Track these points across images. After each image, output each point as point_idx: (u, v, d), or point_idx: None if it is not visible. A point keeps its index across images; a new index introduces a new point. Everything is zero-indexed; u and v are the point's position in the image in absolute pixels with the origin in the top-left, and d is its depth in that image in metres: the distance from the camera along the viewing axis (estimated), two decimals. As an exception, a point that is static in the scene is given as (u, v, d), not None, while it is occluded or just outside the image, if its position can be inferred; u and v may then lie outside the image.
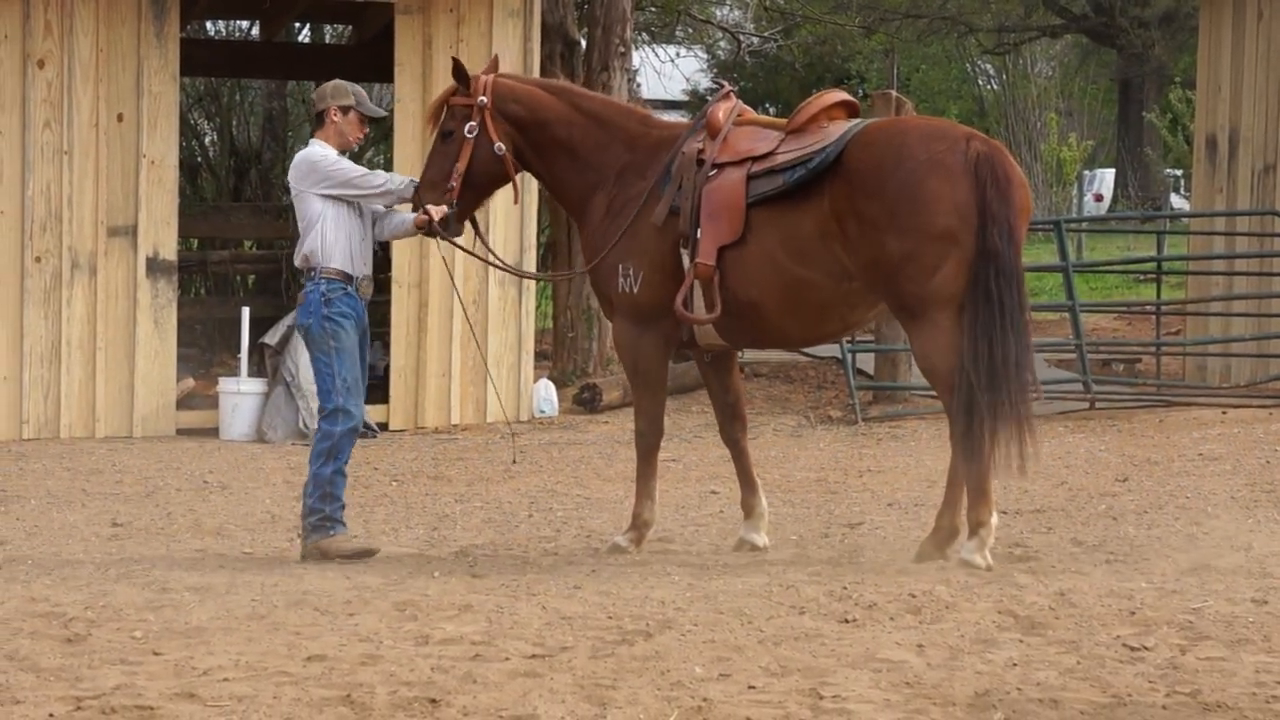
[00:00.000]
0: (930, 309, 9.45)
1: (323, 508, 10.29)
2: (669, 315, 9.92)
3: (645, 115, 10.67)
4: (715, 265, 9.75)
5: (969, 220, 9.37)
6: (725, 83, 10.43)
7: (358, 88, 10.60)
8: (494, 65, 10.65)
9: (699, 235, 9.78)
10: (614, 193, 10.14)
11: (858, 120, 9.93)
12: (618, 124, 10.29)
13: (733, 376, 10.52)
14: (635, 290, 9.98)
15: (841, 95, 10.17)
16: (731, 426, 10.46)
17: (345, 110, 10.44)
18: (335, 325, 10.32)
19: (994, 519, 9.53)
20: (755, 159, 9.83)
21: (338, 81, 10.56)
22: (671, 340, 10.11)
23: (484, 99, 10.21)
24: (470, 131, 10.21)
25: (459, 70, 10.38)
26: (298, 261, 10.50)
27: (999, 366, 9.37)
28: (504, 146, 10.23)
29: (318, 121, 10.55)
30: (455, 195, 10.25)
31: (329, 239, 10.31)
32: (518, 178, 10.50)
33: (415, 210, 10.38)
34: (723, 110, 10.07)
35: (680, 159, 9.97)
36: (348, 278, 10.34)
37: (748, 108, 10.32)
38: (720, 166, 9.86)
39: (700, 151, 9.93)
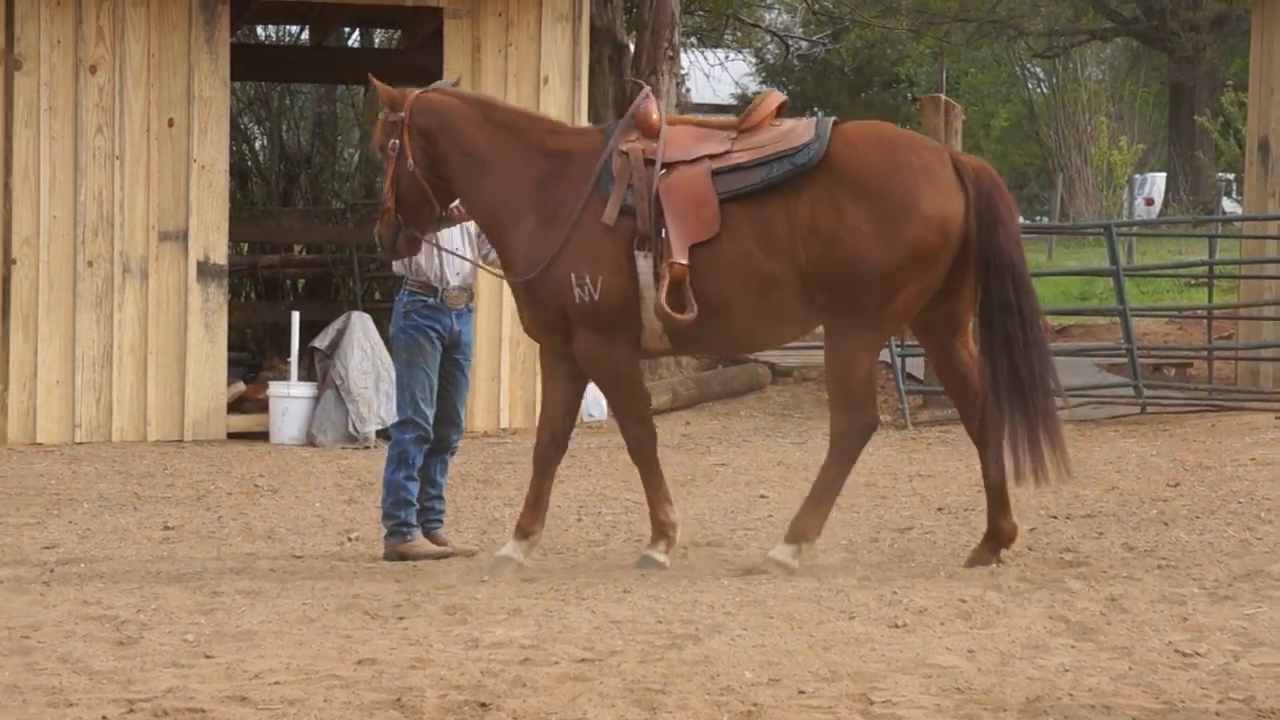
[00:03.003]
0: (871, 330, 9.37)
1: (397, 513, 10.49)
2: (631, 319, 9.64)
3: (553, 123, 10.41)
4: (688, 264, 9.47)
5: (950, 236, 9.29)
6: (643, 83, 10.30)
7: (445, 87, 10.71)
8: (456, 84, 10.49)
9: (665, 235, 9.51)
10: (539, 202, 9.78)
11: (818, 118, 9.77)
12: (529, 131, 9.94)
13: (579, 401, 10.17)
14: (595, 298, 9.60)
15: (782, 97, 10.00)
16: (551, 451, 10.00)
17: None
18: (409, 337, 10.46)
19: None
20: (712, 157, 9.58)
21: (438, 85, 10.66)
22: (635, 344, 9.79)
23: (403, 114, 9.92)
24: (392, 149, 9.91)
25: (381, 88, 10.16)
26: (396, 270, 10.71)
27: (1024, 377, 9.35)
28: (414, 162, 9.86)
29: None
30: (391, 215, 9.93)
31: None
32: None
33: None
34: (654, 110, 9.78)
35: (621, 161, 9.64)
36: (432, 289, 10.39)
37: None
38: (670, 165, 9.59)
39: (646, 152, 9.63)
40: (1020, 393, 9.36)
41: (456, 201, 10.17)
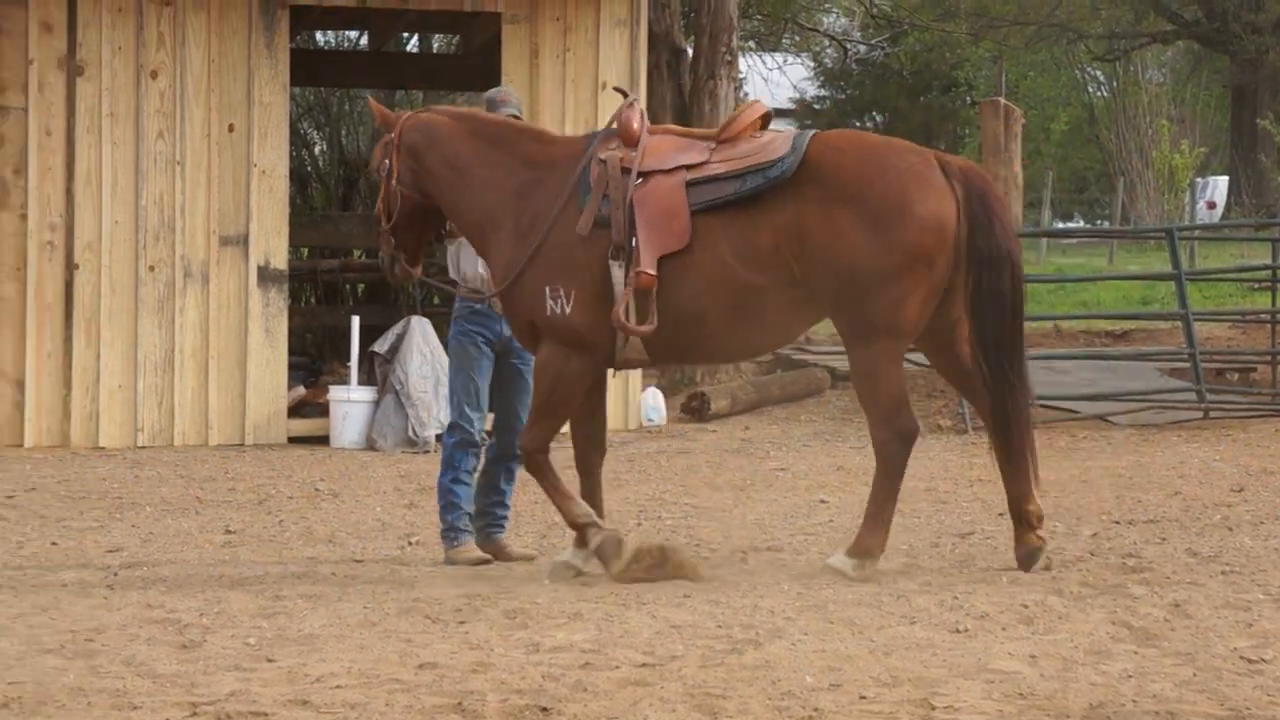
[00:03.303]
0: (887, 338, 9.31)
1: (445, 517, 10.57)
2: (603, 334, 9.56)
3: (542, 133, 10.35)
4: (656, 275, 9.40)
5: (946, 241, 9.26)
6: (628, 91, 10.28)
7: (496, 94, 10.77)
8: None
9: (635, 245, 9.42)
10: (518, 211, 9.71)
11: (797, 130, 9.77)
12: (512, 142, 9.89)
13: (603, 402, 10.16)
14: (568, 311, 9.53)
15: (765, 108, 9.94)
16: (590, 455, 10.05)
17: None
18: (457, 343, 10.56)
19: (881, 554, 9.47)
20: (689, 167, 9.51)
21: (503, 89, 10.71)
22: (600, 361, 9.74)
23: (393, 135, 9.96)
24: (383, 170, 9.95)
25: (376, 109, 10.18)
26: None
27: (1021, 377, 9.40)
28: (397, 180, 9.88)
29: None
30: (385, 236, 9.98)
31: (463, 255, 10.43)
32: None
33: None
34: (635, 119, 9.72)
35: (599, 169, 9.58)
36: (480, 295, 10.43)
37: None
38: (647, 175, 9.53)
39: (623, 160, 9.57)
40: (1012, 387, 9.39)
41: None
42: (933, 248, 9.24)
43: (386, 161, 9.93)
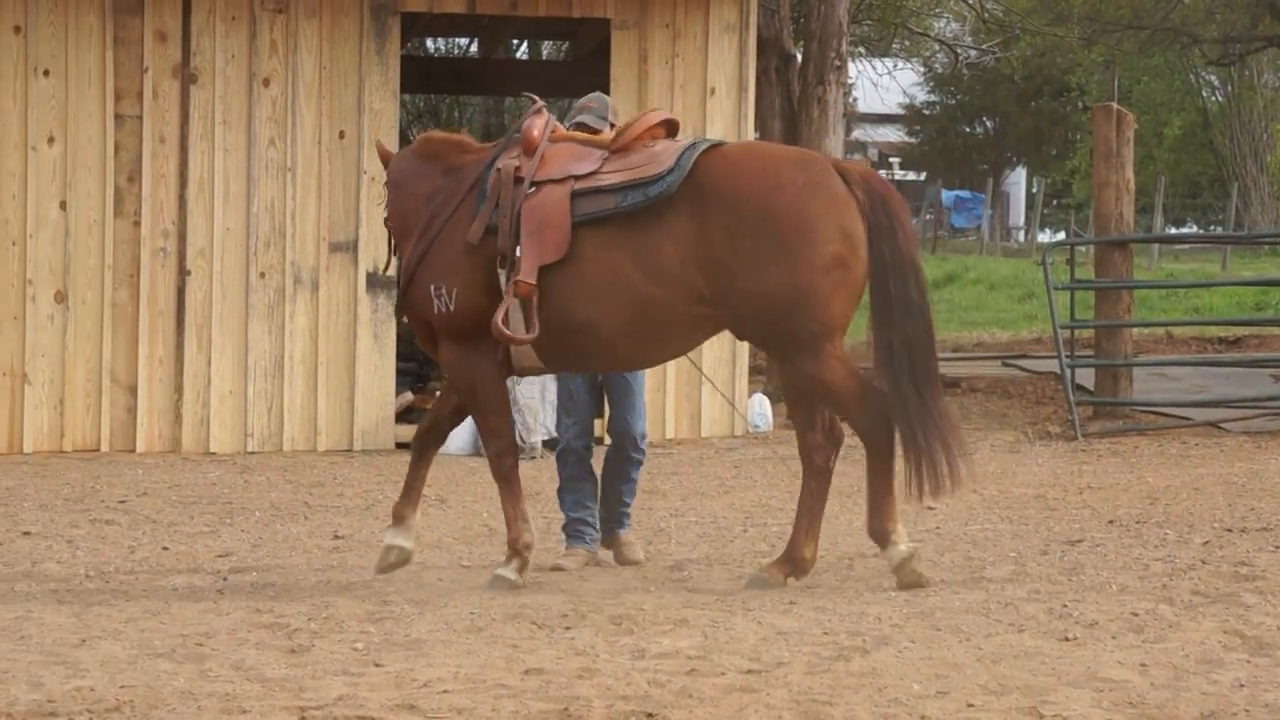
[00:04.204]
0: (825, 341, 9.26)
1: (565, 515, 10.68)
2: (489, 335, 9.60)
3: (464, 142, 10.32)
4: (535, 284, 9.44)
5: (856, 245, 9.22)
6: (535, 98, 10.26)
7: (581, 101, 10.82)
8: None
9: (519, 253, 9.47)
10: (425, 215, 9.89)
11: (693, 140, 9.69)
12: (442, 155, 10.06)
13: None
14: (451, 310, 9.65)
15: (664, 114, 9.99)
16: (427, 438, 10.08)
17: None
18: None
19: (899, 532, 9.43)
20: (578, 177, 9.54)
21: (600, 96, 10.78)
22: (501, 363, 9.76)
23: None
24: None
25: (380, 150, 10.63)
26: None
27: (924, 378, 9.28)
28: (386, 215, 10.35)
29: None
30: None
31: None
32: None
33: None
34: (537, 127, 9.79)
35: (495, 176, 9.68)
36: None
37: (560, 124, 10.05)
38: (539, 184, 9.58)
39: (518, 169, 9.65)
40: (922, 393, 9.27)
41: None
42: (846, 255, 9.22)
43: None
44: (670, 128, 9.89)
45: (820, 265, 9.17)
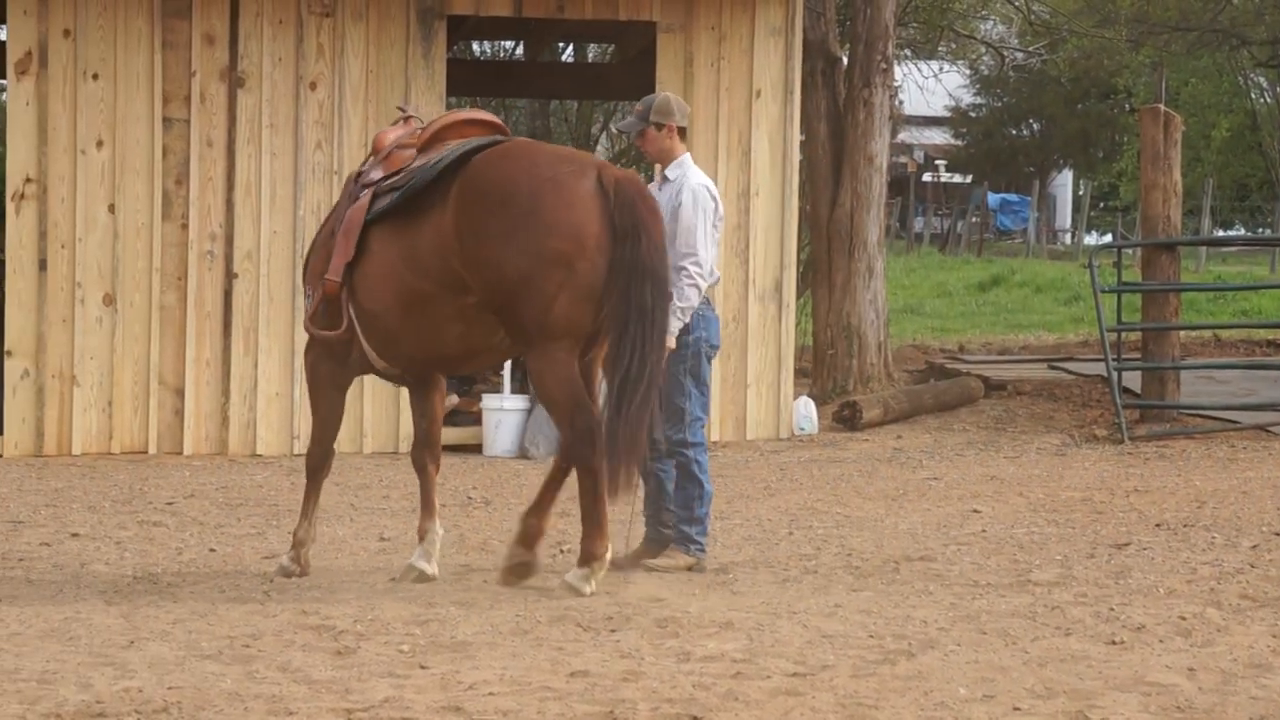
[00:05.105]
0: (547, 340, 9.39)
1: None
2: (342, 340, 10.11)
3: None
4: (342, 282, 9.89)
5: (585, 246, 9.30)
6: (405, 108, 10.57)
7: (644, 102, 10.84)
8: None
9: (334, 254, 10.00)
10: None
11: (475, 139, 9.88)
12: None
13: (431, 402, 10.46)
14: (310, 309, 10.24)
15: (471, 114, 10.29)
16: (422, 452, 10.43)
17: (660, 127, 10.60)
18: None
19: (609, 554, 9.51)
20: (384, 179, 9.98)
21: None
22: (351, 366, 10.30)
23: None
24: None
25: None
26: None
27: (643, 381, 9.28)
28: None
29: (682, 135, 10.64)
30: None
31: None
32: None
33: None
34: (391, 134, 10.28)
35: (346, 184, 10.38)
36: None
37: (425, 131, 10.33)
38: (367, 186, 10.03)
39: (359, 175, 10.19)
40: (636, 396, 9.29)
41: None
42: (572, 254, 9.30)
43: None
44: (492, 127, 10.22)
45: (544, 257, 9.33)
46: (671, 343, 10.16)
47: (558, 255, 9.31)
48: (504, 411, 17.12)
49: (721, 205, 10.57)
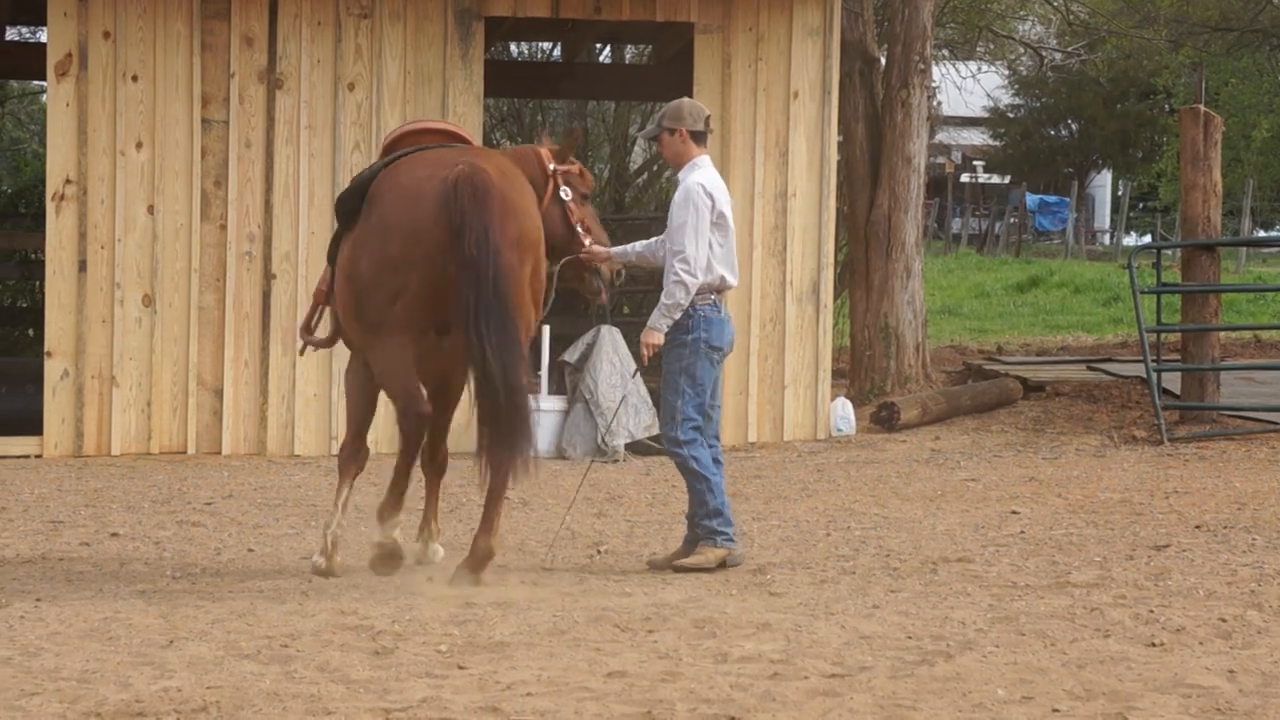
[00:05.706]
0: (376, 335, 9.86)
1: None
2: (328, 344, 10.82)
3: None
4: (325, 289, 10.48)
5: (423, 245, 9.64)
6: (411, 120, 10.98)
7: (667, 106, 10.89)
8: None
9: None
10: None
11: (425, 146, 10.16)
12: None
13: (443, 415, 10.87)
14: (305, 318, 10.93)
15: (428, 123, 10.88)
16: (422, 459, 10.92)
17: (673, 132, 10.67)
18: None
19: (393, 518, 10.36)
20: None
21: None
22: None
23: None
24: None
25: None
26: None
27: (495, 373, 9.54)
28: None
29: (700, 140, 10.67)
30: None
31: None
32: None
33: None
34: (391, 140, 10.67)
35: None
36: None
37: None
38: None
39: None
40: (498, 387, 9.58)
41: (589, 242, 10.75)
42: (397, 256, 9.72)
43: None
44: (447, 135, 10.50)
45: (376, 262, 9.78)
46: (658, 339, 10.26)
47: (391, 257, 9.75)
48: (541, 412, 17.08)
49: (723, 204, 10.53)
